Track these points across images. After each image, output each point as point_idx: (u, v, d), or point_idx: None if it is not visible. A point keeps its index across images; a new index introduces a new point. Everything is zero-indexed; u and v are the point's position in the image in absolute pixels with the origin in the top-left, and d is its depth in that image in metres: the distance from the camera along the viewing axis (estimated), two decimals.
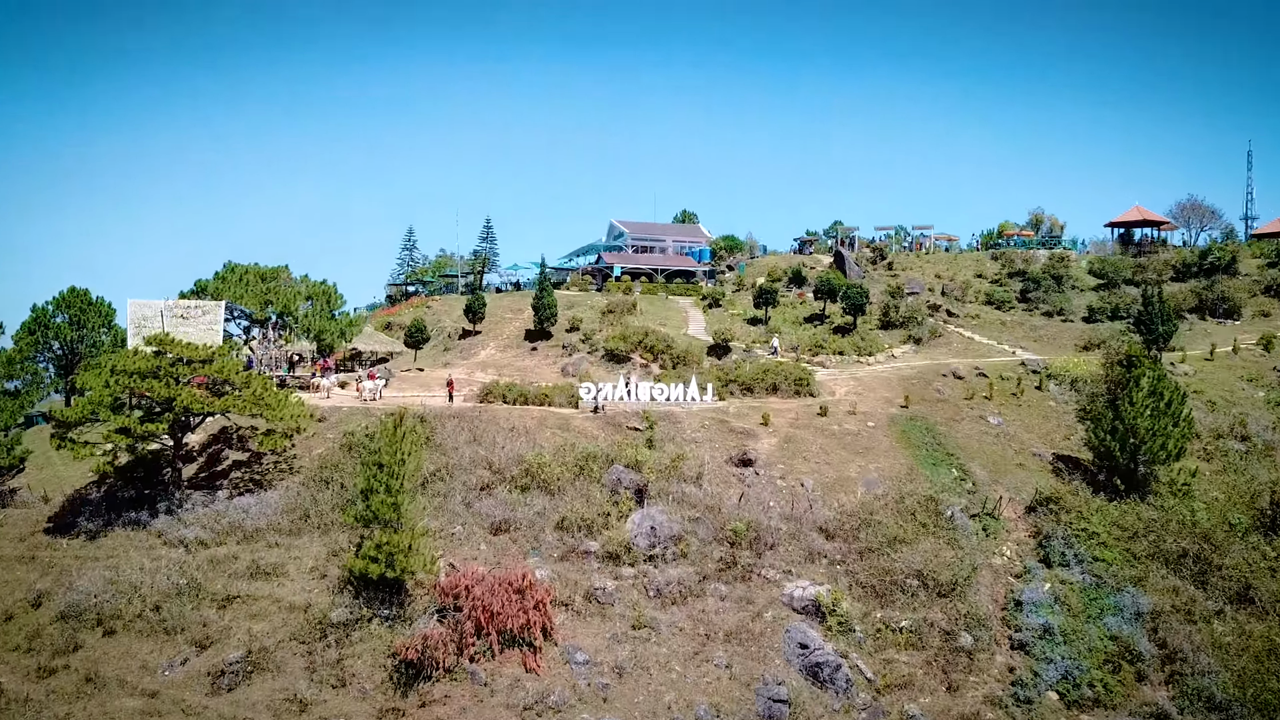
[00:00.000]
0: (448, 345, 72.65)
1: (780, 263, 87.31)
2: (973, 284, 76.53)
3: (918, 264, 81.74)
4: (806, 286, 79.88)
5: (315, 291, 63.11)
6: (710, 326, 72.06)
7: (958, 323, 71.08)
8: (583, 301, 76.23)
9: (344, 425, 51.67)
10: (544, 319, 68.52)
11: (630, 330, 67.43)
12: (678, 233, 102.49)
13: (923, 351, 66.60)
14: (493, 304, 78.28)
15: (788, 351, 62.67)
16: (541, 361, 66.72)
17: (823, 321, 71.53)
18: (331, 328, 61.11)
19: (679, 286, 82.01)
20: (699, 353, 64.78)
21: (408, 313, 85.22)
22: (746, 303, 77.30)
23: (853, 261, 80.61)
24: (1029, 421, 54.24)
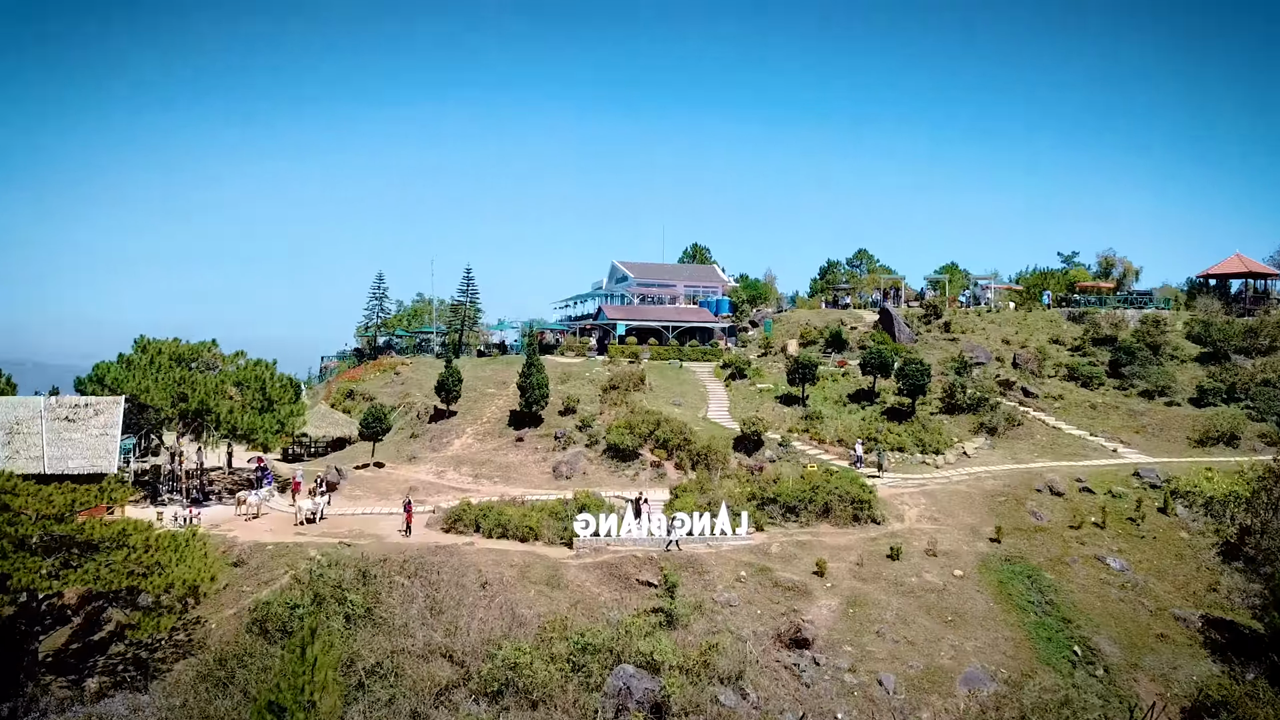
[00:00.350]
0: (416, 430, 60.50)
1: (813, 318, 75.26)
2: (1050, 352, 64.50)
3: (979, 324, 69.58)
4: (847, 352, 67.69)
5: (247, 375, 51.00)
6: (735, 407, 60.03)
7: (1037, 405, 58.98)
8: (580, 373, 64.13)
9: (268, 570, 39.68)
10: (532, 400, 56.50)
11: (638, 416, 55.53)
12: (689, 276, 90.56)
13: (1000, 446, 54.45)
14: (471, 374, 66.27)
15: (868, 464, 50.60)
16: (529, 456, 54.61)
17: (872, 401, 59.44)
18: (265, 424, 48.95)
19: (694, 350, 69.98)
20: (724, 447, 52.82)
21: (374, 378, 73.30)
22: (777, 373, 65.23)
23: (902, 321, 68.57)
24: (1160, 564, 42.14)
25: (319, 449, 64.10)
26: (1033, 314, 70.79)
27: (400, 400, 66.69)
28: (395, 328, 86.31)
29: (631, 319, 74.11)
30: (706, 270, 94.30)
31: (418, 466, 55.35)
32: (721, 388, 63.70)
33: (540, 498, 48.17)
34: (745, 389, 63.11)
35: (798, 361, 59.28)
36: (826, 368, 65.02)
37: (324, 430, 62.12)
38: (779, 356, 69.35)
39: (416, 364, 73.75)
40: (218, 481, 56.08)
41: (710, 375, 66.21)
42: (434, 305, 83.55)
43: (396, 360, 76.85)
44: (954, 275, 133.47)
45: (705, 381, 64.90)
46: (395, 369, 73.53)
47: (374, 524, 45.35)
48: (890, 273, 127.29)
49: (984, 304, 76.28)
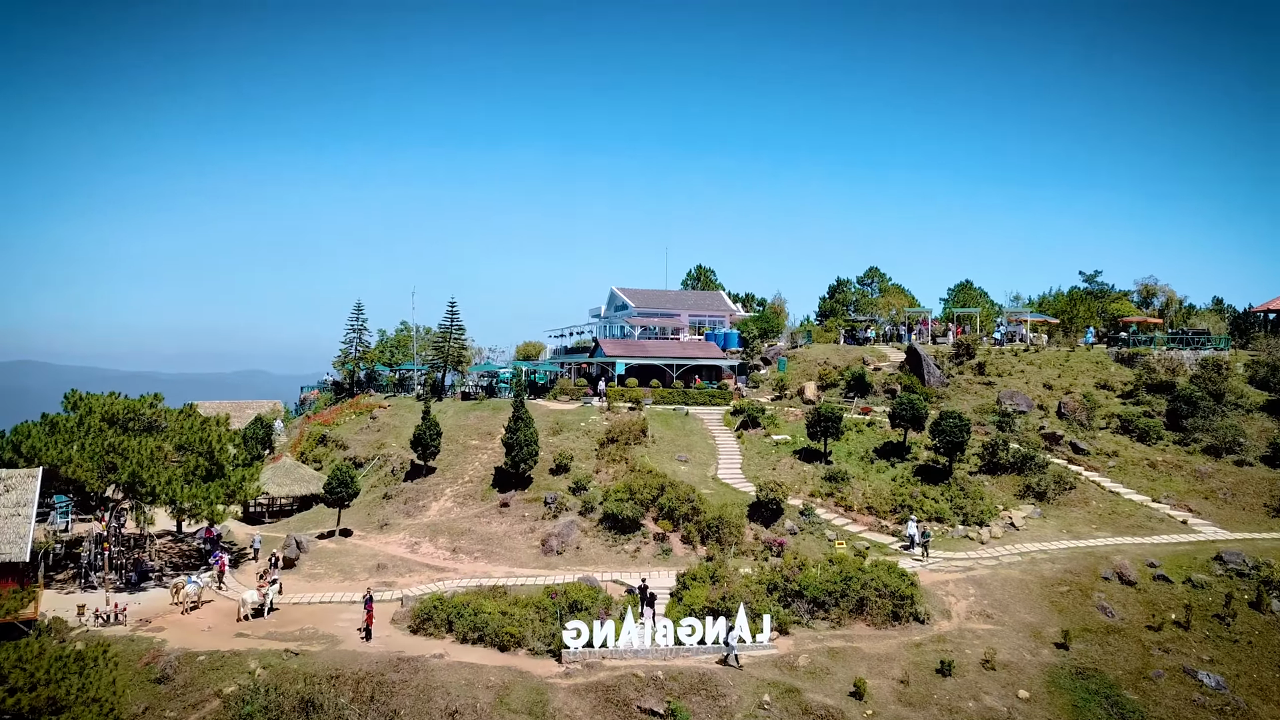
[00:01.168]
0: (390, 488, 54.36)
1: (832, 355, 69.10)
2: (1098, 399, 58.30)
3: (1016, 365, 63.41)
4: (872, 397, 61.52)
5: (192, 437, 44.81)
6: (749, 463, 53.93)
7: (1088, 463, 52.80)
8: (574, 422, 57.96)
9: (196, 689, 33.91)
10: (519, 459, 50.32)
11: (639, 478, 49.50)
12: (694, 304, 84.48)
13: (1051, 515, 48.29)
14: (454, 421, 60.15)
15: (912, 546, 44.38)
16: (514, 526, 48.48)
17: (903, 457, 53.38)
18: (211, 493, 42.92)
19: (701, 393, 63.85)
20: (737, 516, 46.82)
21: (348, 421, 67.27)
22: (795, 421, 59.16)
23: (932, 362, 62.41)
24: (1260, 677, 36.11)
25: (284, 506, 57.94)
26: (1075, 353, 64.57)
27: (375, 451, 60.54)
28: (375, 361, 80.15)
29: (632, 356, 67.94)
30: (712, 297, 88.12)
31: (389, 536, 49.20)
32: (732, 439, 57.51)
33: (526, 583, 42.06)
34: (759, 441, 56.91)
35: (819, 413, 53.10)
36: (850, 415, 58.83)
37: (288, 488, 55.98)
38: (795, 401, 63.19)
39: (396, 406, 67.55)
40: (164, 552, 49.97)
41: (719, 423, 60.00)
42: (415, 338, 77.18)
43: (374, 401, 70.67)
44: (968, 293, 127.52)
45: (714, 431, 58.69)
46: (372, 411, 67.39)
47: (331, 619, 39.21)
48: (904, 293, 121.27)
49: (1018, 340, 70.00)
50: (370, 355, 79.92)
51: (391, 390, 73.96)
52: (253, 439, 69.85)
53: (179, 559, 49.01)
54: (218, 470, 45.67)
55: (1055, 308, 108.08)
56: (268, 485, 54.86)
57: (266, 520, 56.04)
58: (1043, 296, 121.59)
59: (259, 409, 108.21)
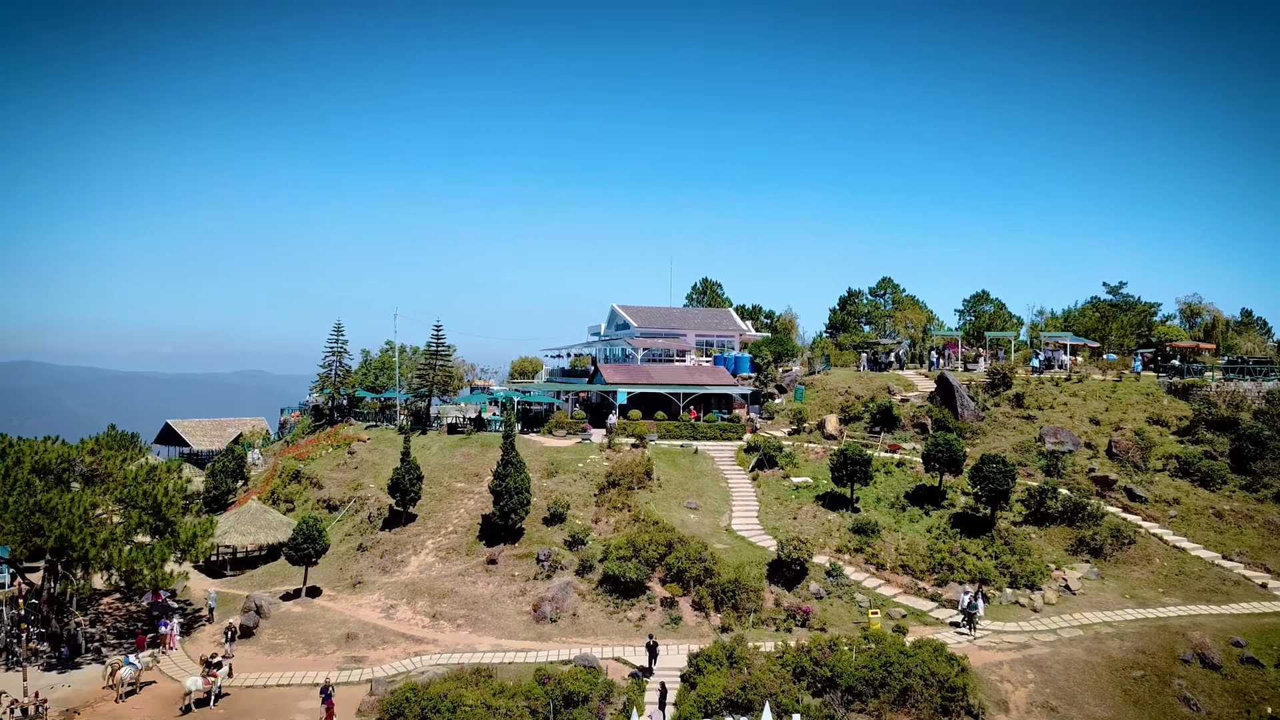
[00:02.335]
0: (365, 538, 49.37)
1: (854, 383, 64.03)
2: (1152, 437, 53.16)
3: (1058, 396, 58.35)
4: (900, 432, 56.55)
5: (135, 490, 39.78)
6: (767, 511, 48.97)
7: (1146, 512, 47.80)
8: (571, 461, 52.97)
9: None
10: (509, 509, 45.22)
11: (644, 531, 44.59)
12: (701, 323, 79.52)
13: (1110, 574, 43.30)
14: (438, 459, 55.22)
15: (969, 622, 39.12)
16: (503, 587, 43.45)
17: (938, 504, 48.41)
18: (155, 555, 37.94)
19: (711, 426, 58.97)
20: (756, 577, 41.95)
21: (325, 454, 62.40)
22: (816, 460, 54.27)
23: (965, 393, 57.39)
24: None
25: (249, 554, 52.93)
26: (1123, 383, 59.49)
27: (351, 492, 55.52)
28: (356, 386, 75.12)
29: (634, 383, 62.96)
30: (720, 315, 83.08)
31: (362, 597, 44.17)
32: (747, 481, 52.48)
33: (515, 659, 37.10)
34: (777, 484, 51.89)
35: (845, 455, 48.11)
36: (876, 453, 53.83)
37: (253, 537, 50.89)
38: (815, 435, 58.20)
39: (376, 439, 62.52)
40: (109, 615, 44.95)
41: (732, 462, 54.98)
42: (399, 362, 72.04)
43: (354, 432, 65.63)
44: (996, 314, 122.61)
45: (726, 472, 53.67)
46: (350, 445, 62.35)
47: (288, 709, 34.24)
48: (919, 306, 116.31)
49: (1057, 366, 64.91)
50: (351, 379, 74.93)
51: (374, 419, 68.97)
52: (223, 472, 64.97)
53: (124, 623, 43.97)
54: (165, 527, 40.64)
55: (1083, 324, 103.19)
56: (229, 535, 49.84)
57: (228, 573, 51.01)
58: (1068, 311, 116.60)
59: (241, 427, 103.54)
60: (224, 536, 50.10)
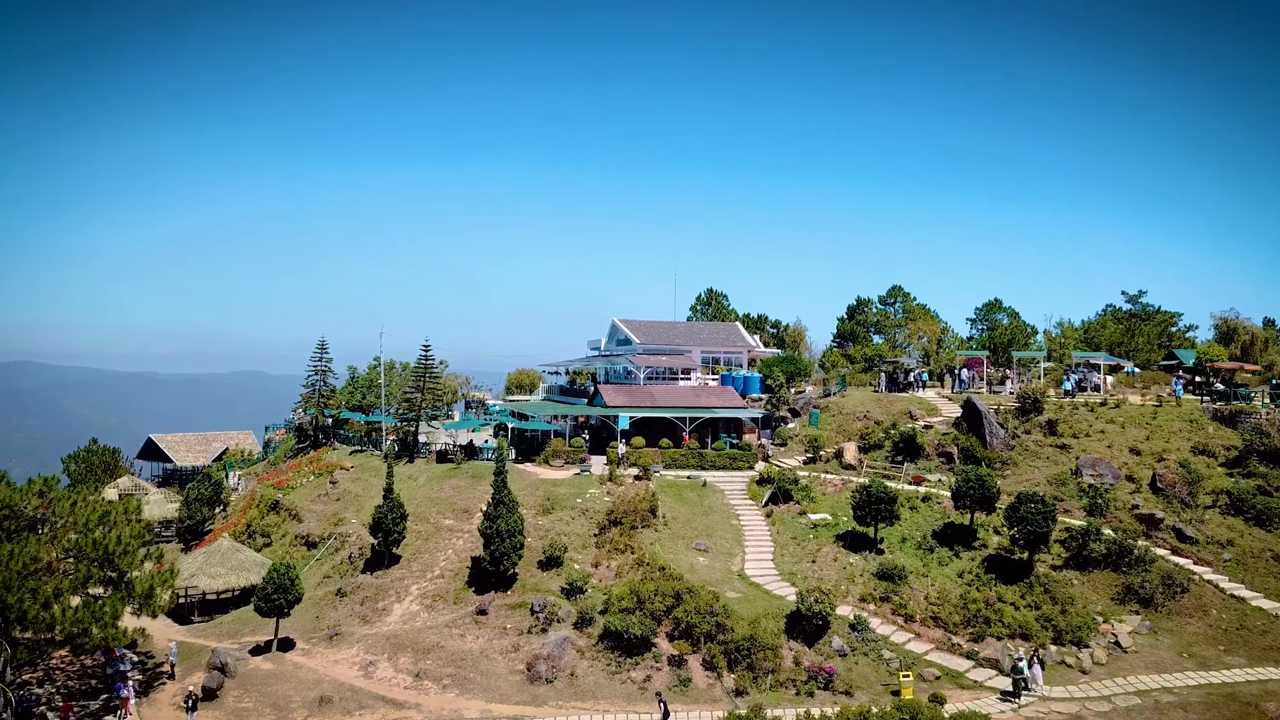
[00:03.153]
0: (345, 582, 45.76)
1: (872, 407, 60.41)
2: (1199, 469, 49.48)
3: (1094, 424, 54.68)
4: (924, 461, 52.95)
5: (85, 540, 36.19)
6: (783, 553, 45.45)
7: (1198, 554, 44.24)
8: (569, 496, 49.36)
9: None
10: (501, 554, 41.56)
11: (649, 580, 41.13)
12: (707, 338, 75.90)
13: (1164, 628, 39.67)
14: (425, 493, 51.64)
15: (1023, 690, 35.39)
16: (493, 641, 39.81)
17: (968, 544, 44.89)
18: (106, 611, 34.41)
19: (719, 455, 55.45)
20: (773, 632, 38.44)
21: (306, 483, 58.93)
22: (834, 494, 50.53)
23: (994, 420, 53.76)
24: None
25: (220, 595, 49.26)
26: (1164, 409, 55.80)
27: (331, 528, 51.87)
28: (341, 407, 71.54)
29: (637, 405, 59.33)
30: (727, 330, 79.40)
31: (339, 651, 40.49)
32: (760, 518, 48.84)
33: None
34: (793, 522, 48.25)
35: (869, 493, 44.49)
36: (899, 485, 50.23)
37: (223, 579, 47.20)
38: (833, 465, 54.55)
39: (360, 468, 58.85)
40: (61, 670, 41.32)
41: (743, 496, 51.36)
42: (384, 383, 68.27)
43: (337, 459, 61.96)
44: (996, 310, 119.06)
45: (738, 507, 50.03)
46: (333, 473, 58.67)
47: None
48: (931, 316, 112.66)
49: (1090, 387, 61.16)
50: (337, 399, 71.33)
51: (359, 442, 65.24)
52: (198, 501, 61.43)
53: (77, 680, 40.32)
54: (118, 578, 37.00)
55: (1104, 335, 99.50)
56: (197, 578, 46.22)
57: (196, 618, 47.36)
58: (1087, 322, 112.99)
59: (227, 441, 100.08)
60: (192, 579, 46.51)
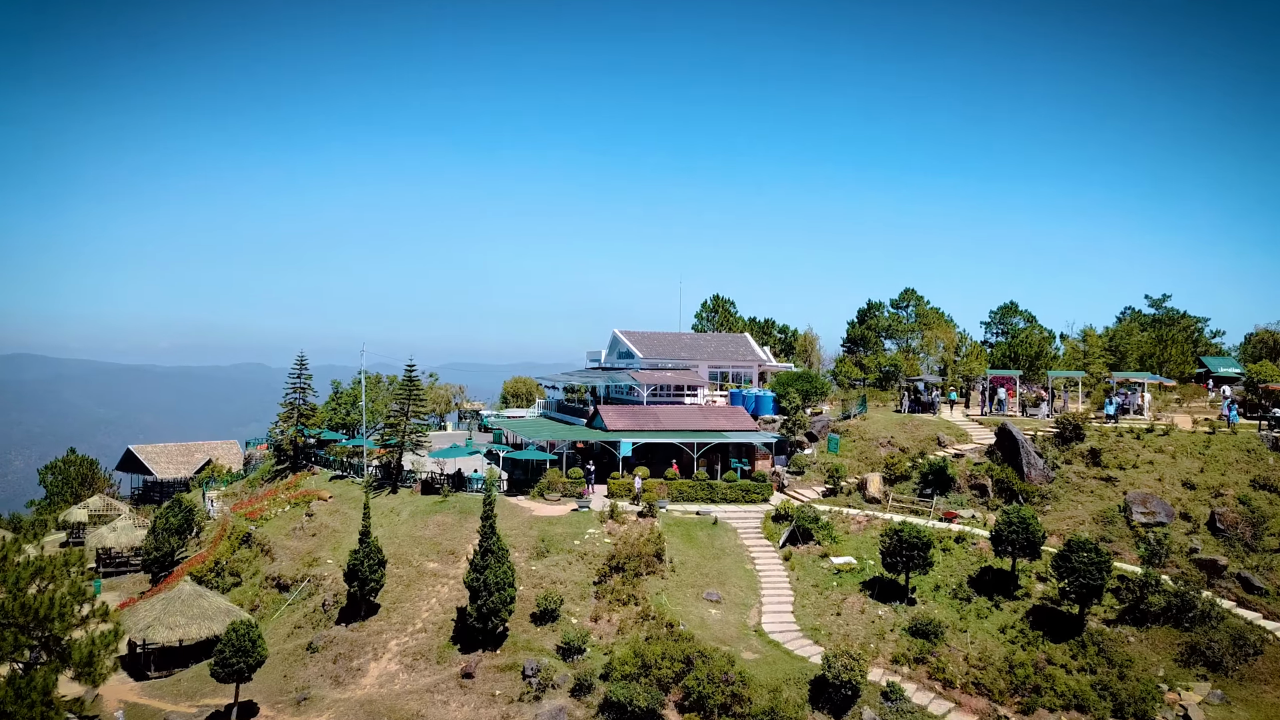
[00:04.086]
0: (316, 635, 41.72)
1: (896, 431, 56.24)
2: (1262, 507, 45.30)
3: (1141, 453, 50.46)
4: (955, 494, 48.86)
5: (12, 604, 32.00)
6: (804, 604, 41.45)
7: (1269, 608, 40.31)
8: (565, 538, 45.24)
9: None
10: (489, 610, 37.38)
11: (657, 640, 36.97)
12: (715, 350, 71.82)
13: (1237, 697, 35.92)
14: (407, 530, 47.61)
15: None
16: (480, 710, 35.87)
17: (1009, 592, 40.83)
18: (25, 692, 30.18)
19: (731, 487, 51.49)
20: (795, 704, 34.80)
21: (281, 514, 54.93)
22: (859, 532, 46.31)
23: (1032, 449, 49.64)
24: None
25: (184, 643, 45.14)
26: (1217, 437, 51.53)
27: (305, 568, 47.76)
28: (323, 426, 67.31)
29: (641, 429, 55.19)
30: (736, 342, 75.19)
31: (308, 719, 36.31)
32: (777, 562, 44.68)
33: None
34: (814, 566, 44.10)
35: (900, 539, 40.37)
36: (929, 522, 46.09)
37: (183, 630, 43.02)
38: (855, 498, 50.41)
39: (340, 496, 54.74)
40: None
41: (758, 534, 47.20)
42: (365, 402, 63.95)
43: (315, 486, 57.86)
44: (1012, 314, 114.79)
45: (752, 548, 45.87)
46: (310, 503, 54.56)
47: None
48: (945, 320, 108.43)
49: (1132, 410, 56.87)
50: (318, 418, 67.11)
51: (341, 466, 61.03)
52: (166, 531, 57.37)
53: None
54: (53, 642, 32.87)
55: (1131, 344, 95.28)
56: (154, 629, 42.09)
57: (153, 673, 43.30)
58: (1112, 329, 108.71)
59: (210, 452, 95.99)
60: (148, 630, 42.41)
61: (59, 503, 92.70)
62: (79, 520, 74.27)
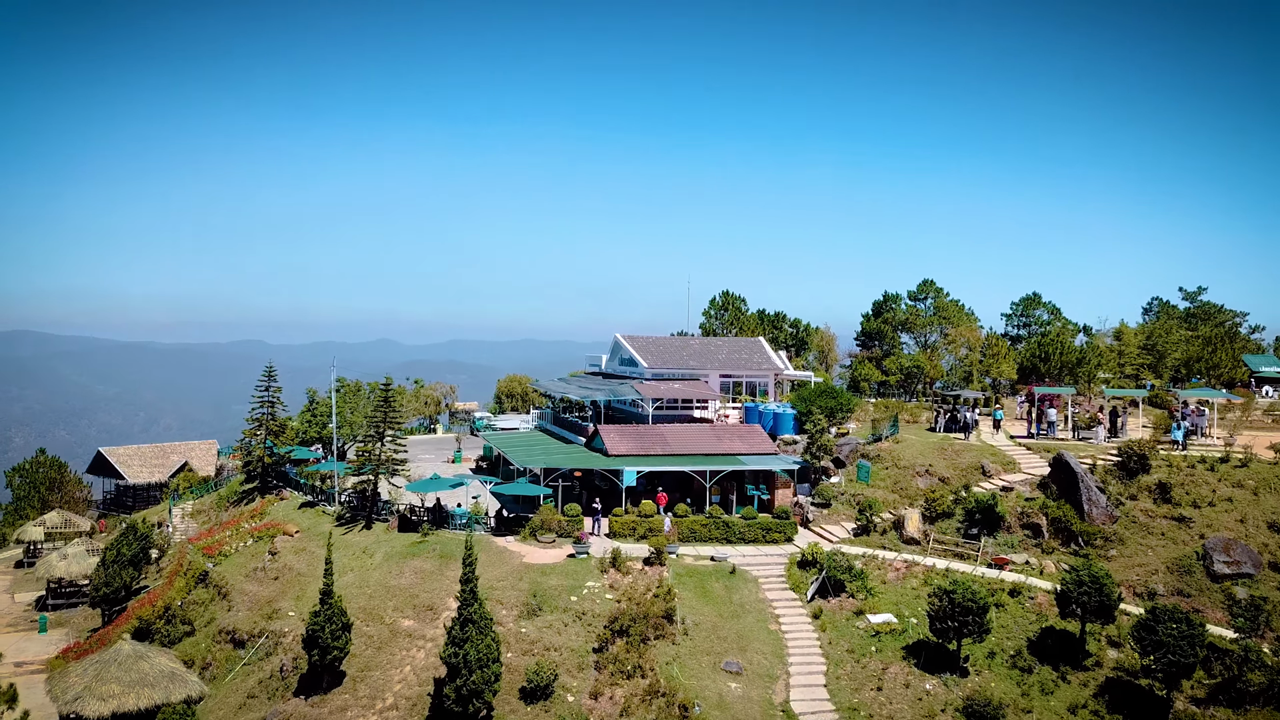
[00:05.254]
0: (271, 709, 36.54)
1: (934, 457, 50.84)
2: None
3: (1216, 486, 44.92)
4: (1005, 535, 43.44)
5: None
6: (838, 679, 36.40)
7: None
8: (560, 592, 39.83)
9: None
10: (471, 691, 31.99)
11: (667, 716, 31.26)
12: (727, 358, 66.48)
13: None
14: (380, 577, 42.37)
15: None
16: None
17: (1077, 661, 35.51)
18: None
19: (751, 526, 46.01)
20: None
21: (243, 550, 49.90)
22: (897, 581, 41.01)
23: (1093, 484, 44.11)
24: None
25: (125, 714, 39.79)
26: None
27: (264, 621, 42.40)
28: (293, 443, 61.72)
29: (646, 454, 49.74)
30: (751, 348, 69.46)
31: None
32: (806, 620, 39.25)
33: None
34: (848, 625, 38.68)
35: (951, 600, 35.00)
36: (977, 570, 40.70)
37: (116, 703, 37.51)
38: (891, 537, 44.94)
39: (308, 532, 49.32)
40: None
41: (782, 584, 41.74)
42: (336, 421, 58.23)
43: (282, 516, 52.40)
44: (1035, 306, 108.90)
45: (776, 603, 40.40)
46: (274, 539, 49.15)
47: None
48: (966, 314, 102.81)
49: (1200, 433, 51.26)
50: (288, 435, 61.55)
51: (312, 491, 55.45)
52: (116, 563, 52.08)
53: None
54: None
55: (1171, 344, 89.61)
56: (83, 699, 36.65)
57: None
58: (1148, 324, 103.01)
59: (187, 454, 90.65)
60: (77, 702, 36.96)
61: (26, 508, 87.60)
62: (34, 539, 69.21)
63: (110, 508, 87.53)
